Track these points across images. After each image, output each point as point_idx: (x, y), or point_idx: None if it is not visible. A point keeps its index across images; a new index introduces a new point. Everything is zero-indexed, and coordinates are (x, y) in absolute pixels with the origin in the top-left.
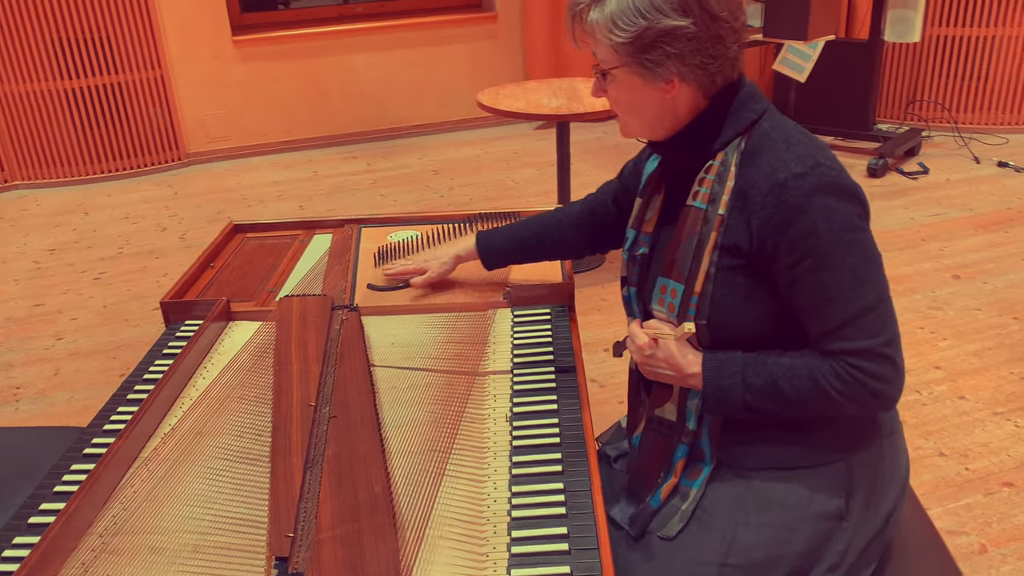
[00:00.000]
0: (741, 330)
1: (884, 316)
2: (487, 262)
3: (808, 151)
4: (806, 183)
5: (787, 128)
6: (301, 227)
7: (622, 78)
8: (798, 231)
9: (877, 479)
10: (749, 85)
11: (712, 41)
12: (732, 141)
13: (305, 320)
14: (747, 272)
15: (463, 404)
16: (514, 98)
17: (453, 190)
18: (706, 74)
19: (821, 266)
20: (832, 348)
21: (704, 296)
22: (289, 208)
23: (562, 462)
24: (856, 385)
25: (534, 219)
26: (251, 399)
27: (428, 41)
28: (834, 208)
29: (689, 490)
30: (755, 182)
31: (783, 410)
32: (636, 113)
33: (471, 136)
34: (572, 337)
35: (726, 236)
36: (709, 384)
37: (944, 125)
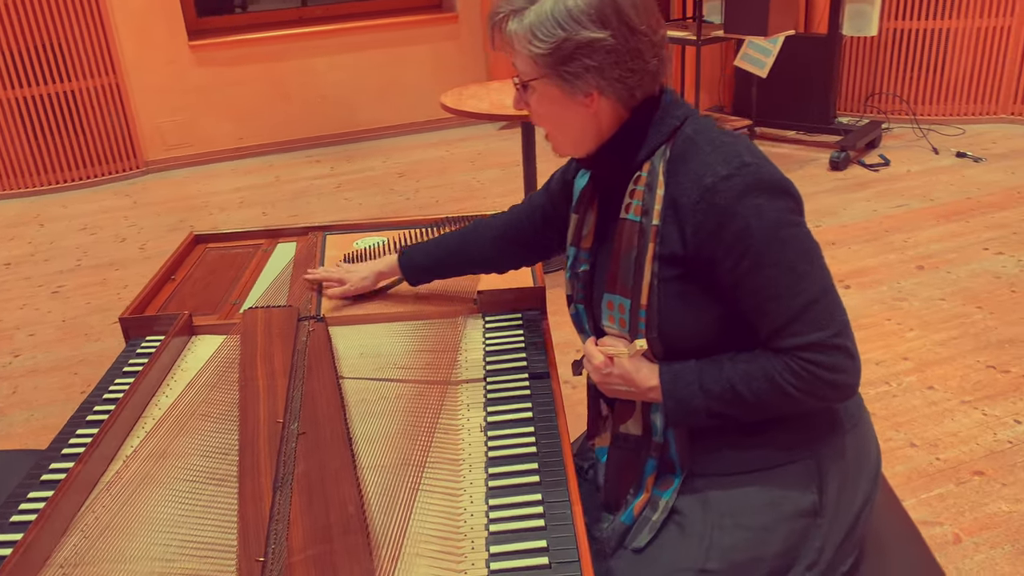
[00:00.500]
0: (693, 338)
1: (830, 306)
2: (410, 278)
3: (733, 151)
4: (734, 184)
5: (710, 131)
6: (264, 236)
7: (542, 90)
8: (732, 233)
9: (847, 471)
10: (669, 92)
11: (631, 54)
12: (657, 150)
13: (270, 332)
14: (690, 280)
15: (436, 415)
16: (478, 99)
17: (419, 192)
18: (625, 88)
19: (760, 265)
20: (783, 345)
21: (652, 309)
22: (252, 215)
23: (539, 472)
24: (813, 379)
25: (457, 234)
26: (216, 417)
27: (389, 42)
28: (764, 206)
29: (659, 500)
30: (684, 189)
31: (745, 413)
32: (559, 127)
33: (435, 137)
34: (545, 342)
35: (663, 246)
36: (668, 397)
37: (903, 117)
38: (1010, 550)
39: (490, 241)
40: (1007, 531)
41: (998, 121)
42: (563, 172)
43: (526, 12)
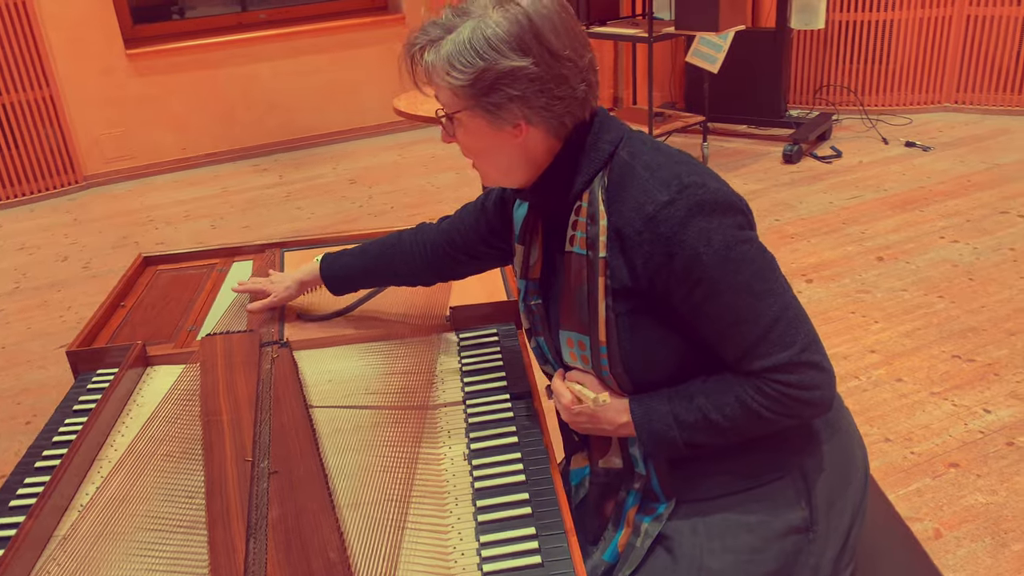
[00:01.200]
0: (659, 370)
1: (794, 322)
2: (332, 288)
3: (671, 172)
4: (676, 210)
5: (644, 152)
6: (218, 255)
7: (468, 122)
8: (681, 262)
9: (833, 481)
10: (601, 115)
11: (556, 81)
12: (594, 178)
13: (232, 361)
14: (646, 312)
15: (416, 444)
16: (432, 103)
17: (372, 199)
18: (553, 115)
19: (715, 292)
20: (751, 369)
21: (612, 344)
22: (200, 228)
23: (530, 503)
24: (785, 399)
25: (383, 243)
26: (179, 456)
27: (335, 46)
28: (711, 228)
29: (641, 525)
30: (627, 219)
31: (722, 439)
32: (489, 159)
33: (387, 141)
34: (524, 358)
35: (613, 279)
36: (642, 431)
37: (852, 108)
38: (991, 543)
39: (420, 255)
40: (986, 523)
41: (942, 110)
42: (501, 191)
43: (442, 42)
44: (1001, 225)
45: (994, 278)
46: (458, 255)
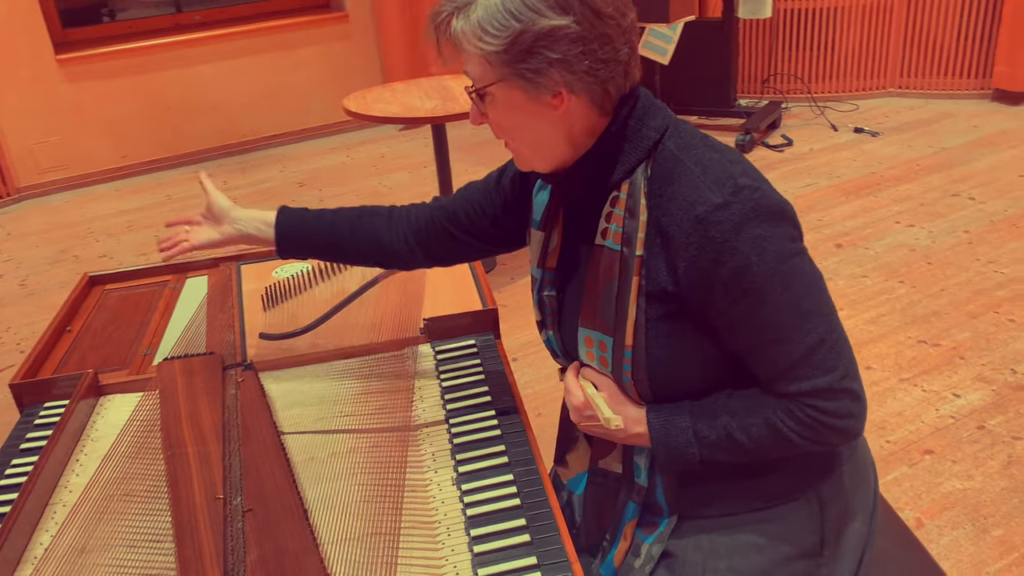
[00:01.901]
0: (684, 381)
1: (836, 346)
2: (282, 244)
3: (725, 172)
4: (730, 214)
5: (695, 145)
6: (169, 271)
7: (501, 96)
8: (729, 271)
9: (848, 505)
10: (644, 96)
11: (599, 41)
12: (636, 168)
13: (193, 387)
14: (680, 319)
15: (400, 470)
16: (384, 102)
17: (323, 202)
18: (597, 81)
19: (760, 305)
20: (787, 390)
21: (638, 349)
22: (144, 239)
23: (528, 530)
24: (818, 426)
25: (364, 208)
26: (143, 496)
27: (277, 46)
28: (765, 237)
29: (642, 546)
30: (674, 217)
31: (742, 458)
32: (525, 138)
33: (334, 142)
34: (506, 370)
35: (650, 281)
36: (658, 445)
37: (800, 96)
38: (971, 530)
39: (407, 234)
40: (965, 510)
41: (887, 95)
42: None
43: (472, 7)
44: (953, 208)
45: (951, 261)
46: (459, 234)
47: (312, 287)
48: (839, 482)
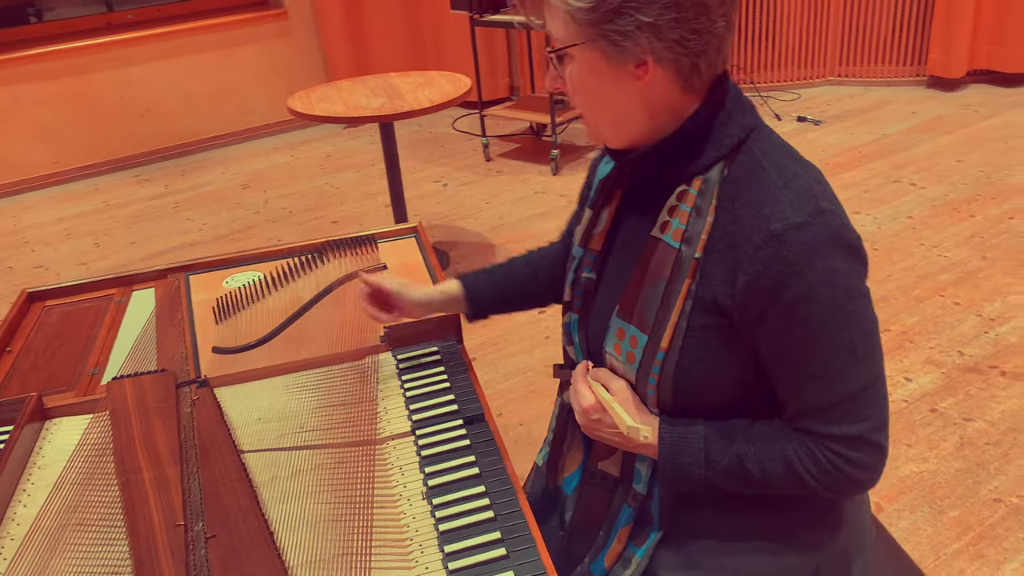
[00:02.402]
0: (710, 397)
1: (877, 396)
2: (472, 310)
3: (808, 190)
4: (807, 237)
5: (780, 155)
6: (113, 284)
7: (582, 59)
8: (793, 296)
9: (848, 544)
10: (734, 89)
11: (695, 10)
12: (714, 165)
13: (145, 407)
14: (725, 333)
15: (368, 486)
16: (329, 101)
17: (268, 204)
18: (687, 53)
19: (816, 339)
20: (815, 430)
21: (672, 354)
22: (82, 247)
23: (503, 543)
24: (837, 474)
25: (512, 264)
26: (98, 525)
27: (214, 45)
28: (837, 270)
29: (632, 558)
30: (744, 226)
31: (746, 489)
32: (602, 108)
33: (277, 142)
34: (471, 377)
35: (702, 286)
36: (666, 461)
37: (744, 85)
38: (929, 512)
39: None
40: (922, 492)
41: (827, 84)
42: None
43: None
44: (896, 194)
45: (896, 247)
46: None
47: (265, 297)
48: (842, 516)
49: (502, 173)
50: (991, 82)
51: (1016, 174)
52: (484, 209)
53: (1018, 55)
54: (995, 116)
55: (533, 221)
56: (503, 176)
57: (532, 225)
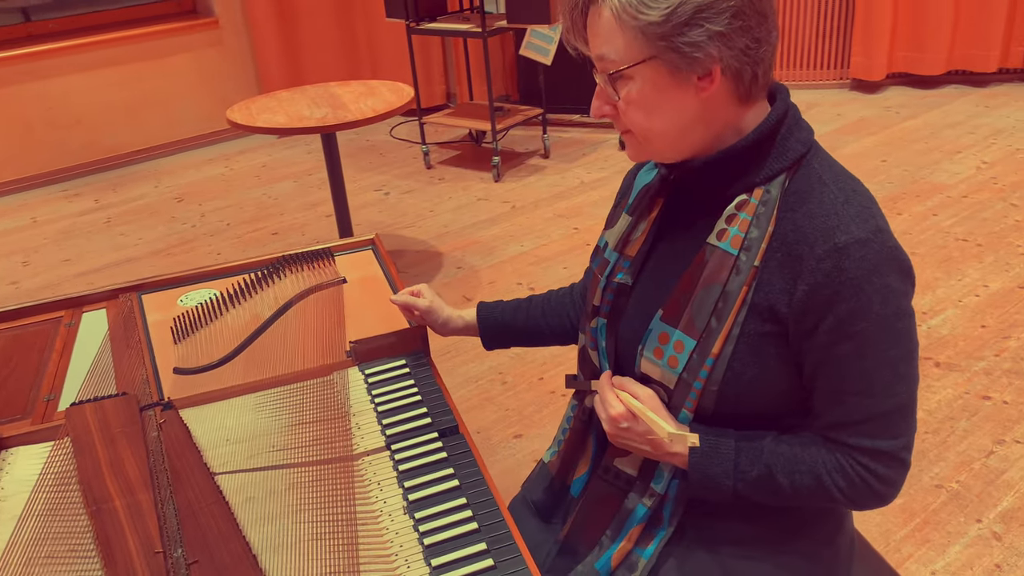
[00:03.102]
0: (753, 405)
1: (908, 416)
2: (487, 338)
3: (867, 209)
4: (869, 253)
5: (837, 172)
6: (62, 306)
7: (645, 76)
8: (847, 309)
9: (844, 548)
10: (794, 106)
11: (757, 18)
12: (776, 176)
13: (110, 433)
14: (777, 342)
15: (348, 503)
16: (271, 112)
17: (205, 217)
18: (749, 63)
19: (863, 354)
20: (847, 442)
21: (722, 360)
22: (10, 266)
23: (490, 554)
24: (864, 487)
25: (532, 299)
26: (67, 557)
27: (143, 55)
28: (892, 289)
29: (639, 560)
30: (806, 236)
31: (773, 501)
32: (659, 122)
33: (210, 153)
34: (442, 389)
35: (759, 294)
36: (696, 471)
37: None
38: None
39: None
40: None
41: None
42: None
43: None
44: None
45: None
46: None
47: (223, 315)
48: (841, 532)
49: (444, 180)
50: (909, 84)
51: (938, 172)
52: (428, 217)
53: (933, 59)
54: (915, 117)
55: (478, 228)
56: (445, 183)
57: (477, 232)
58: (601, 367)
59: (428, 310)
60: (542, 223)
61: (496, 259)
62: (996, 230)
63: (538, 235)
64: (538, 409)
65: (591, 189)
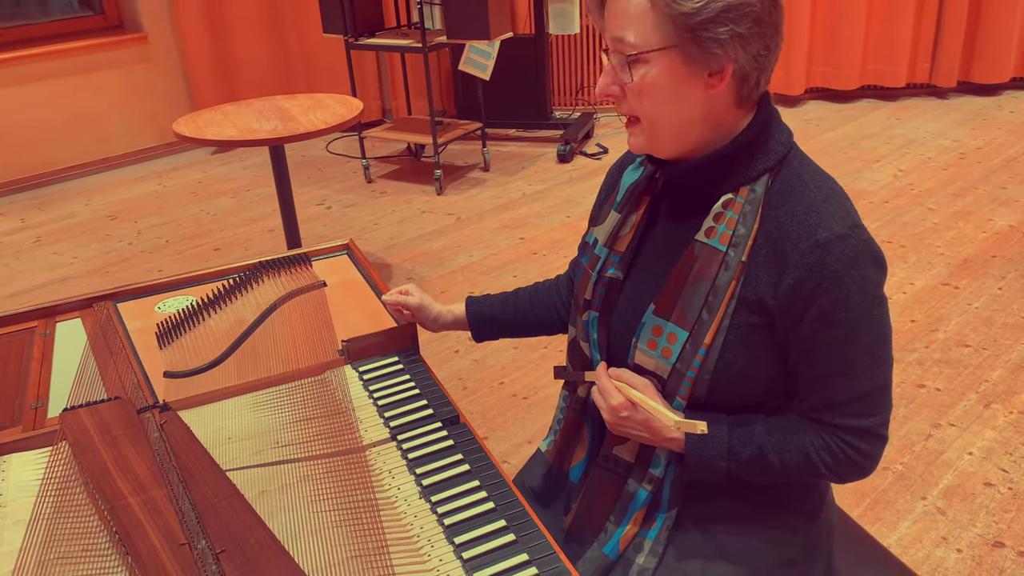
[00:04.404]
0: (742, 394)
1: (887, 395)
2: (476, 332)
3: (843, 206)
4: (848, 248)
5: (814, 171)
6: (33, 316)
7: (663, 63)
8: (830, 300)
9: (827, 522)
10: (775, 109)
11: (772, 28)
12: (760, 176)
13: (110, 435)
14: (764, 332)
15: (367, 489)
16: (219, 125)
17: (142, 234)
18: (755, 68)
19: (844, 340)
20: (832, 421)
21: (713, 351)
22: None
23: (511, 530)
24: (847, 462)
25: (520, 291)
26: (80, 556)
27: (68, 71)
28: (869, 280)
29: (644, 541)
30: (789, 233)
31: (764, 479)
32: (666, 115)
33: (142, 170)
34: (437, 383)
35: (747, 287)
36: (692, 454)
37: (608, 107)
38: None
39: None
40: None
41: None
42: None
43: None
44: None
45: None
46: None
47: (205, 320)
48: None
49: (385, 194)
50: (827, 99)
51: (859, 180)
52: (373, 230)
53: (848, 75)
54: (834, 129)
55: (425, 239)
56: (387, 197)
57: (424, 243)
58: (592, 359)
59: (419, 307)
60: (488, 234)
61: (446, 269)
62: (917, 232)
63: (486, 245)
64: (501, 412)
65: (533, 201)
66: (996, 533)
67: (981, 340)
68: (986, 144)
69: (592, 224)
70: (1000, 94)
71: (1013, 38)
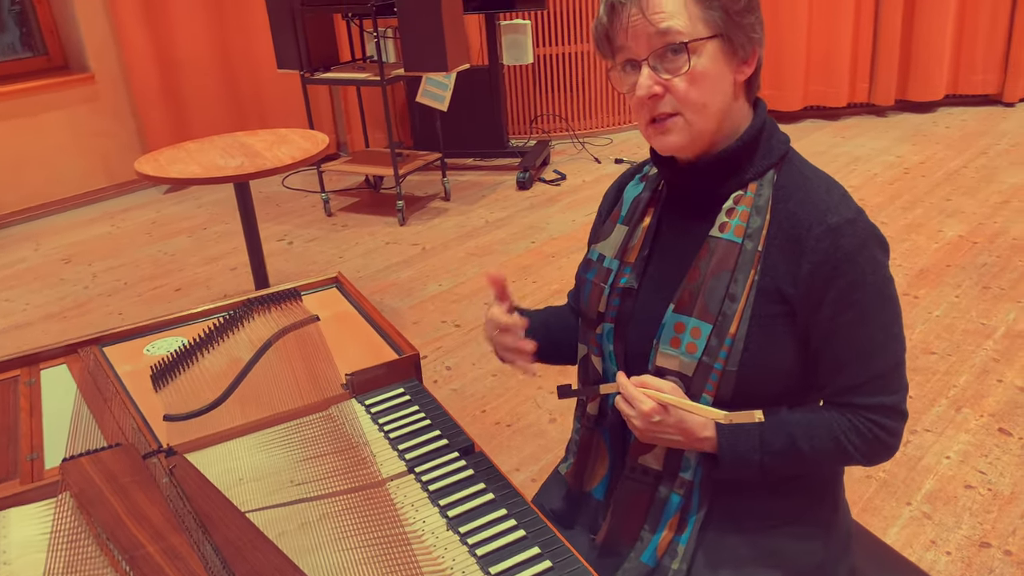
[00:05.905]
0: (768, 384)
1: (903, 371)
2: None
3: (845, 195)
4: (858, 231)
5: (812, 168)
6: (15, 365)
7: (710, 52)
8: (846, 282)
9: (844, 526)
10: (769, 115)
11: (760, 21)
12: (766, 172)
13: (117, 483)
14: (786, 321)
15: (394, 523)
16: (182, 162)
17: (97, 277)
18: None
19: (861, 320)
20: (855, 402)
21: (739, 340)
22: None
23: (546, 556)
24: (875, 442)
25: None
26: None
27: (13, 112)
28: (878, 260)
29: (678, 546)
30: (801, 221)
31: (796, 469)
32: (713, 101)
33: (93, 212)
34: (446, 412)
35: (765, 277)
36: (727, 451)
37: (563, 134)
38: None
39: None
40: None
41: (634, 128)
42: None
43: None
44: None
45: None
46: None
47: (199, 360)
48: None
49: (347, 227)
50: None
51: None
52: (338, 263)
53: (791, 96)
54: None
55: (392, 270)
56: (349, 230)
57: (392, 274)
58: (607, 371)
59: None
60: (455, 262)
61: (416, 299)
62: None
63: (454, 274)
64: (485, 441)
65: (497, 228)
66: (981, 534)
67: (945, 347)
68: (927, 159)
69: (593, 243)
70: (935, 111)
71: (944, 58)
